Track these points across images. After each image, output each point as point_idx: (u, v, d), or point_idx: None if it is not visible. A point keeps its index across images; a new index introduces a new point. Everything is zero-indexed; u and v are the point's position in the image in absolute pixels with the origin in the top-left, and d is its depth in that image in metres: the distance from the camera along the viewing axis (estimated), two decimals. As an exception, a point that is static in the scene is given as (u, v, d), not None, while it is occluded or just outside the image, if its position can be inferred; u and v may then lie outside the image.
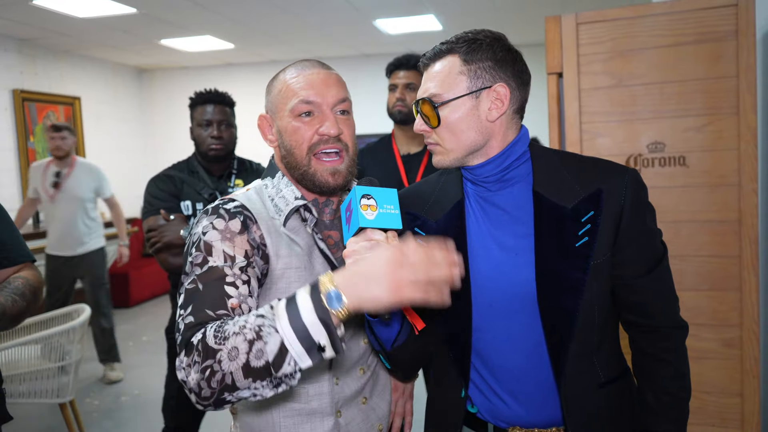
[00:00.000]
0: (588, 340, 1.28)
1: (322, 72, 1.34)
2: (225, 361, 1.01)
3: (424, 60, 1.32)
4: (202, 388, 1.03)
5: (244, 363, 1.00)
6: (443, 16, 6.07)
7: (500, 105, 1.25)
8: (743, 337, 2.01)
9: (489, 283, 1.29)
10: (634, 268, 1.28)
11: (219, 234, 1.23)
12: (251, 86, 8.22)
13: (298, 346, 0.99)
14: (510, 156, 1.29)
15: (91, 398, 4.41)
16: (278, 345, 0.99)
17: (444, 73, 1.27)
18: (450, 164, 1.31)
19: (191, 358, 1.05)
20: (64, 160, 4.78)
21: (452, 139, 1.27)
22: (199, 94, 2.70)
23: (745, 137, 1.97)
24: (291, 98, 1.31)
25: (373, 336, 1.32)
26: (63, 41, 6.69)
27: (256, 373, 1.00)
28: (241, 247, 1.23)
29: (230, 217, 1.26)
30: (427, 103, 1.27)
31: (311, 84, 1.31)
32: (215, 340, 1.03)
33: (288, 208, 1.33)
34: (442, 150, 1.30)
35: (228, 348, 1.02)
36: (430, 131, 1.30)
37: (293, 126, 1.32)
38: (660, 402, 1.30)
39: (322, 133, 1.30)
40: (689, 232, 2.06)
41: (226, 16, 5.79)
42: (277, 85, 1.36)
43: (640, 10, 2.07)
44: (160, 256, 2.47)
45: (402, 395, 1.58)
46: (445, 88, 1.26)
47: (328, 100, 1.31)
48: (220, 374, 1.01)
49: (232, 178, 2.72)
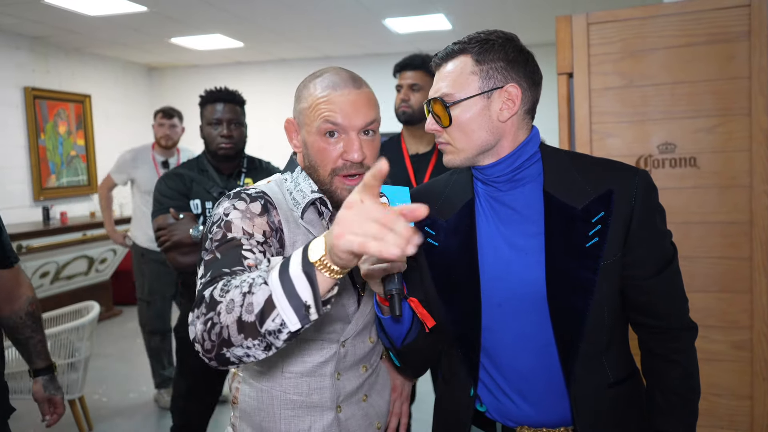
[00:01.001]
0: (597, 341, 1.28)
1: (352, 93, 1.31)
2: (223, 313, 1.00)
3: (436, 60, 1.32)
4: (205, 340, 1.03)
5: (238, 317, 0.98)
6: (453, 15, 6.06)
7: (511, 105, 1.26)
8: (753, 340, 2.00)
9: (498, 282, 1.29)
10: (644, 269, 1.27)
11: (240, 213, 1.26)
12: (260, 85, 8.25)
13: (285, 302, 0.95)
14: (521, 156, 1.29)
15: (99, 395, 4.44)
16: (265, 297, 0.97)
17: (456, 73, 1.27)
18: (461, 164, 1.31)
19: (200, 310, 1.05)
20: (170, 149, 4.47)
21: (463, 139, 1.27)
22: (209, 92, 2.70)
23: (757, 138, 1.96)
24: (318, 117, 1.30)
25: (384, 333, 1.33)
26: (74, 39, 6.73)
27: (248, 329, 0.98)
28: (260, 227, 1.25)
29: (251, 200, 1.29)
30: (439, 102, 1.28)
31: (341, 108, 1.29)
32: (220, 293, 1.03)
33: (305, 201, 1.34)
34: (453, 149, 1.30)
35: (227, 300, 1.01)
36: (441, 131, 1.30)
37: (319, 145, 1.31)
38: (669, 402, 1.30)
39: (346, 159, 1.30)
40: (700, 234, 2.05)
41: (235, 15, 5.81)
42: (306, 97, 1.34)
43: (652, 11, 2.06)
44: (169, 255, 2.47)
45: (400, 396, 1.58)
46: (457, 88, 1.26)
47: (354, 123, 1.30)
48: (218, 327, 1.01)
49: (241, 177, 2.72)
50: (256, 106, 5.06)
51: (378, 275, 1.18)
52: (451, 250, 1.34)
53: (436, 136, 1.33)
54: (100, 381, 4.71)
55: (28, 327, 1.96)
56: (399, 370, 1.55)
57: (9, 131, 6.27)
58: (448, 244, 1.35)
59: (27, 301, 1.96)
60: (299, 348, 1.36)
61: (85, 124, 7.20)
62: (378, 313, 1.28)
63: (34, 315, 1.98)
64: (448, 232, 1.35)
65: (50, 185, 6.66)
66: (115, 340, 5.81)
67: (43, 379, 2.01)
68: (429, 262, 1.37)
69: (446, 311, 1.34)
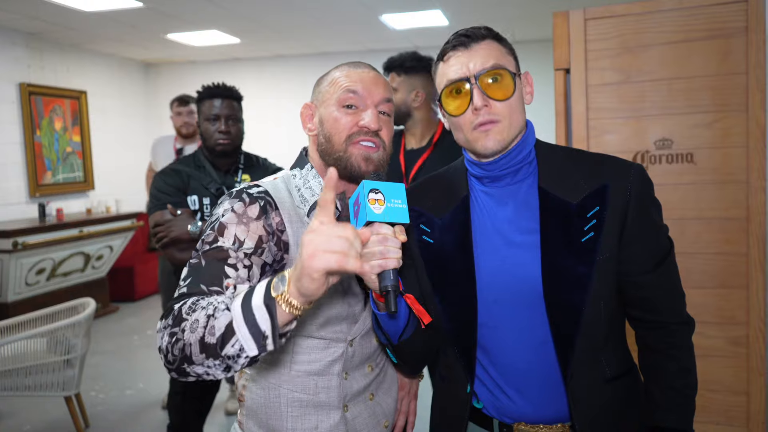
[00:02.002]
0: (594, 336, 1.28)
1: (371, 72, 1.39)
2: (187, 331, 1.05)
3: (463, 39, 1.27)
4: (169, 352, 1.07)
5: (201, 337, 1.03)
6: (450, 11, 6.06)
7: (530, 91, 1.29)
8: (750, 335, 2.01)
9: (494, 278, 1.29)
10: (640, 264, 1.27)
11: (236, 217, 1.26)
12: (257, 81, 8.24)
13: (244, 329, 1.01)
14: (524, 149, 1.30)
15: (96, 392, 4.44)
16: (226, 323, 1.02)
17: (497, 50, 1.26)
18: (503, 145, 1.26)
19: (167, 321, 1.10)
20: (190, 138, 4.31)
21: (514, 116, 1.26)
22: (206, 88, 2.69)
23: (754, 134, 1.96)
24: (338, 89, 1.35)
25: (380, 330, 1.33)
26: (70, 35, 6.70)
27: (209, 350, 1.03)
28: (255, 233, 1.26)
29: (251, 202, 1.29)
30: (504, 70, 1.24)
31: (361, 79, 1.35)
32: (187, 310, 1.08)
33: (313, 199, 1.35)
34: (502, 128, 1.25)
35: (192, 320, 1.05)
36: (490, 106, 1.24)
37: (335, 115, 1.34)
38: (666, 397, 1.30)
39: (362, 125, 1.32)
40: (696, 230, 2.05)
41: (232, 11, 5.79)
42: (327, 78, 1.40)
43: (649, 6, 2.06)
44: (167, 251, 2.47)
45: (408, 394, 1.58)
46: (507, 63, 1.26)
47: (373, 96, 1.34)
48: (181, 343, 1.05)
49: (239, 173, 2.71)
50: (252, 102, 5.05)
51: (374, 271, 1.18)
52: (447, 246, 1.33)
53: (480, 115, 1.24)
54: (96, 378, 4.71)
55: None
56: (396, 366, 1.54)
57: (4, 127, 6.24)
58: (443, 240, 1.34)
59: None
60: (308, 347, 1.36)
61: (81, 121, 7.17)
62: (374, 309, 1.28)
63: None
64: (443, 228, 1.34)
65: (46, 182, 6.64)
66: (111, 337, 5.80)
67: None
68: (424, 259, 1.36)
69: (442, 308, 1.34)
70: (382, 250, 1.13)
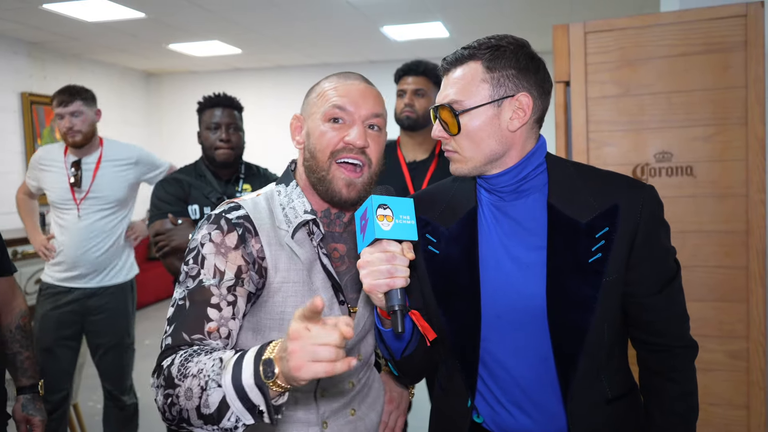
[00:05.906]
0: (596, 356, 1.26)
1: (361, 85, 1.33)
2: (182, 397, 1.05)
3: (444, 64, 1.28)
4: (166, 411, 1.08)
5: (197, 406, 1.04)
6: (451, 23, 6.09)
7: (522, 115, 1.22)
8: (750, 349, 2.00)
9: (498, 294, 1.27)
10: (647, 286, 1.26)
11: (214, 247, 1.24)
12: (258, 91, 8.26)
13: (238, 404, 1.00)
14: (527, 167, 1.27)
15: (93, 401, 4.41)
16: (220, 399, 1.01)
17: (466, 79, 1.23)
18: (468, 173, 1.27)
19: (159, 381, 1.11)
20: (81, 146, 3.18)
21: (472, 148, 1.24)
22: (207, 97, 2.70)
23: (754, 148, 1.97)
24: (325, 103, 1.31)
25: (384, 345, 1.31)
26: (72, 45, 6.73)
27: (207, 419, 1.04)
28: (234, 263, 1.23)
29: (228, 230, 1.25)
30: (447, 109, 1.23)
31: (348, 93, 1.30)
32: (178, 374, 1.07)
33: (297, 221, 1.31)
34: (460, 158, 1.27)
35: (185, 387, 1.05)
36: (449, 138, 1.26)
37: (321, 130, 1.30)
38: (667, 421, 1.29)
39: (347, 141, 1.29)
40: (696, 243, 2.05)
41: (233, 21, 5.82)
42: (316, 89, 1.36)
43: (649, 20, 2.07)
44: (167, 261, 2.46)
45: (396, 408, 1.54)
46: (467, 95, 1.22)
47: (360, 111, 1.30)
48: (178, 407, 1.06)
49: (240, 183, 2.71)
50: (253, 112, 5.06)
51: (381, 290, 1.15)
52: (452, 258, 1.31)
53: (443, 144, 1.29)
54: (94, 388, 4.68)
55: (17, 342, 1.88)
56: (396, 378, 1.53)
57: (6, 137, 6.25)
58: (449, 252, 1.32)
59: (19, 315, 1.90)
60: None
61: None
62: (378, 325, 1.26)
63: (25, 329, 1.90)
64: (449, 240, 1.32)
65: (46, 191, 6.63)
66: (110, 347, 5.76)
67: (24, 398, 1.89)
68: (429, 270, 1.34)
69: (445, 320, 1.32)
70: (390, 268, 1.11)
